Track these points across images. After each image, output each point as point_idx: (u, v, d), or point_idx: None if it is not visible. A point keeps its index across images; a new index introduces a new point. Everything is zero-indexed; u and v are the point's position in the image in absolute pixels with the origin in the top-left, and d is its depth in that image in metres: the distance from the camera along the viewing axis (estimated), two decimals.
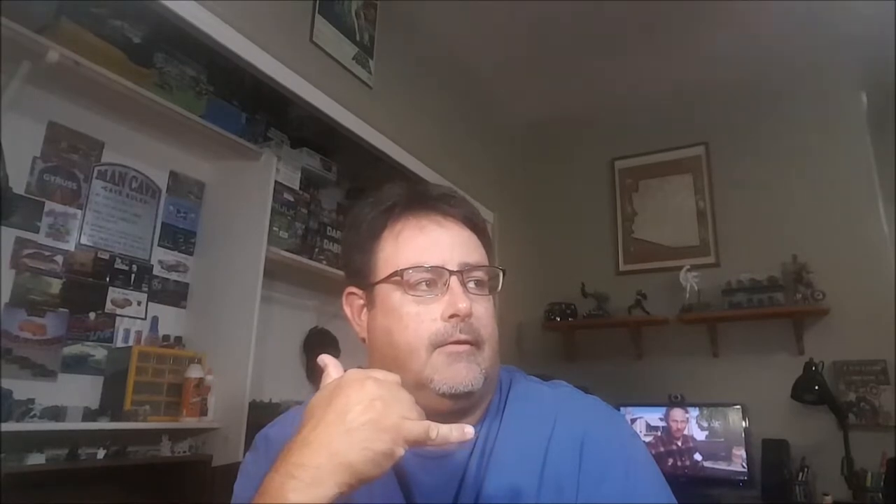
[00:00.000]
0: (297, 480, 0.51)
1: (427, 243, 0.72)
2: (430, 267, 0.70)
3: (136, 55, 1.88)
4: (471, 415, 0.72)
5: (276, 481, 0.52)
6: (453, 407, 0.68)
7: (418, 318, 0.69)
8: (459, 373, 0.67)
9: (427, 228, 0.73)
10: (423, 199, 0.75)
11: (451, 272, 0.70)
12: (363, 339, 0.77)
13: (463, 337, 0.68)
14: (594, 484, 0.67)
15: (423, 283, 0.70)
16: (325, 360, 0.62)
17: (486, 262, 0.75)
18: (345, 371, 0.60)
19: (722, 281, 3.10)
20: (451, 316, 0.68)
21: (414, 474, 0.70)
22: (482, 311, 0.71)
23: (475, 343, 0.69)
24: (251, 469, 0.74)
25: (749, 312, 2.97)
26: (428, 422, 0.56)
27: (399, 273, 0.70)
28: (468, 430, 0.57)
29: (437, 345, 0.68)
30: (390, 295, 0.71)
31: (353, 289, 0.77)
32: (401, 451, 0.54)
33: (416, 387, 0.66)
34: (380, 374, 0.58)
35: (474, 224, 0.76)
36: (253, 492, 0.54)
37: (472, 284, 0.72)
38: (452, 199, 0.76)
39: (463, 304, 0.68)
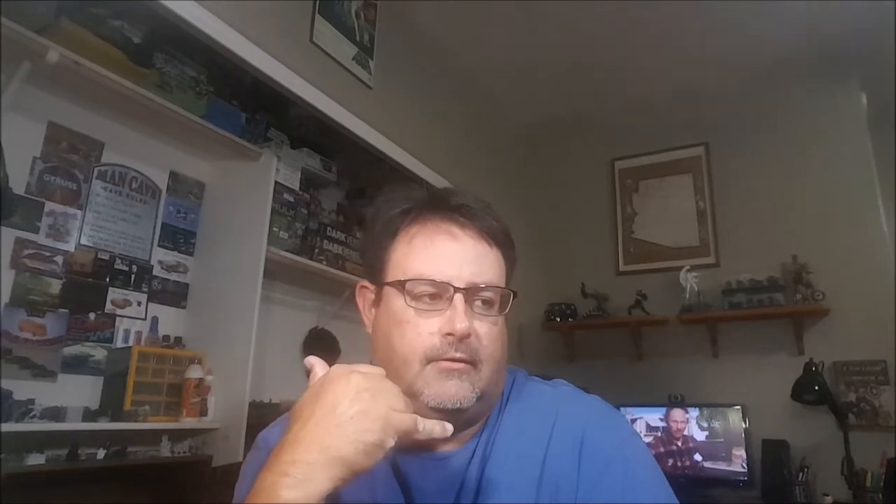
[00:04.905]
0: (291, 477, 0.51)
1: (436, 255, 0.70)
2: (436, 281, 0.69)
3: (136, 55, 1.88)
4: (469, 427, 0.71)
5: (269, 480, 0.52)
6: (445, 419, 0.68)
7: (416, 330, 0.68)
8: (449, 390, 0.67)
9: (439, 239, 0.71)
10: (441, 207, 0.73)
11: (457, 289, 0.68)
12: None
13: (458, 355, 0.67)
14: (593, 483, 0.67)
15: (427, 296, 0.69)
16: (312, 360, 0.62)
17: (502, 280, 0.72)
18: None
19: (722, 281, 3.10)
20: (448, 334, 0.67)
21: (415, 477, 0.70)
22: (485, 330, 0.69)
23: (471, 362, 0.68)
24: (252, 469, 0.74)
25: (749, 312, 2.97)
26: (415, 415, 0.57)
27: (404, 282, 0.70)
28: (448, 428, 0.59)
29: (430, 359, 0.67)
30: (395, 299, 0.71)
31: (365, 283, 0.78)
32: (391, 442, 0.54)
33: (408, 396, 0.65)
34: (365, 367, 0.59)
35: (494, 238, 0.73)
36: None
37: (478, 303, 0.70)
38: (472, 210, 0.72)
39: (461, 325, 0.66)
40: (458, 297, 0.68)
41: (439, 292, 0.69)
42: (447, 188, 0.80)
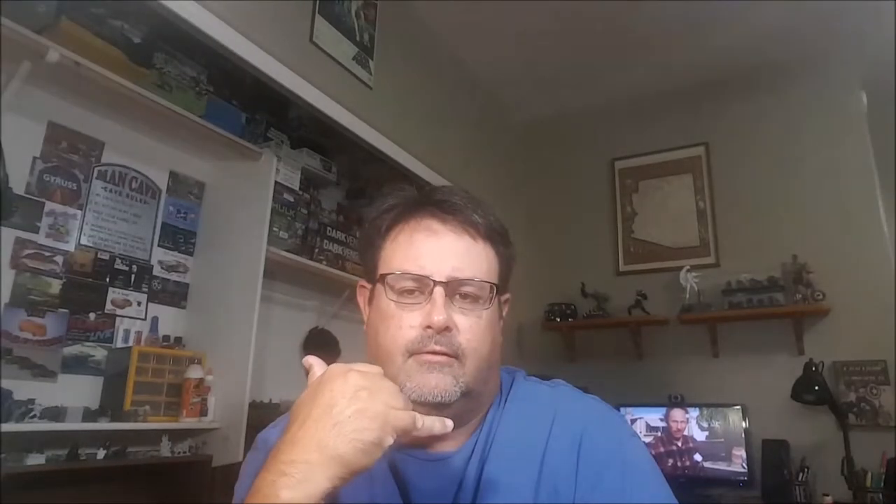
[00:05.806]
0: (289, 477, 0.51)
1: (417, 251, 0.71)
2: (415, 275, 0.70)
3: (136, 55, 1.88)
4: (462, 424, 0.71)
5: (268, 480, 0.52)
6: (430, 414, 0.68)
7: (398, 324, 0.69)
8: (429, 383, 0.67)
9: (419, 236, 0.72)
10: (423, 204, 0.74)
11: (436, 283, 0.69)
12: None
13: (438, 348, 0.67)
14: (591, 484, 0.67)
15: (408, 291, 0.70)
16: (310, 360, 0.63)
17: (490, 275, 0.72)
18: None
19: (722, 281, 3.09)
20: (427, 327, 0.68)
21: (413, 478, 0.70)
22: (468, 324, 0.69)
23: (453, 355, 0.68)
24: (252, 470, 0.74)
25: (749, 312, 2.97)
26: (413, 412, 0.57)
27: (385, 276, 0.71)
28: (448, 424, 0.59)
29: (412, 352, 0.68)
30: (381, 296, 0.72)
31: (363, 282, 0.79)
32: (389, 440, 0.54)
33: None
34: (362, 366, 0.59)
35: (479, 233, 0.73)
36: None
37: (461, 297, 0.70)
38: (454, 205, 0.73)
39: (438, 317, 0.67)
40: (438, 290, 0.68)
41: (420, 286, 0.70)
42: (436, 186, 0.80)
